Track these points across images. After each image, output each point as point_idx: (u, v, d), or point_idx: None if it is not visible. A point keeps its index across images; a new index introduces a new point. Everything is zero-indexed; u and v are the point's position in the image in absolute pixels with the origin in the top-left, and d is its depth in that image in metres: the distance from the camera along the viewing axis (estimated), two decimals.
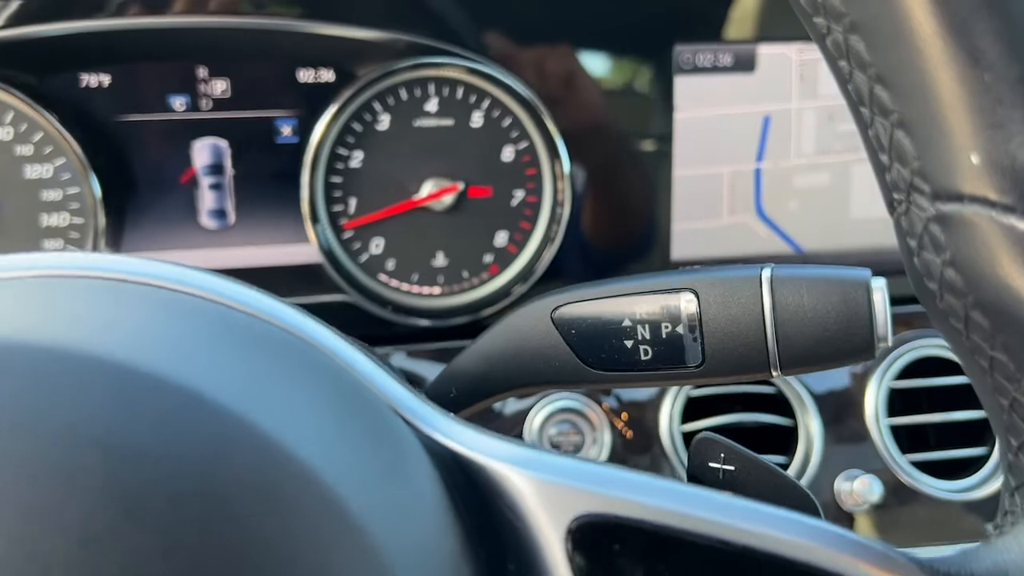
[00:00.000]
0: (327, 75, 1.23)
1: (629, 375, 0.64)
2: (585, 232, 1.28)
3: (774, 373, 0.59)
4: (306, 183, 1.16)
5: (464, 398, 0.70)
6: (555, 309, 0.68)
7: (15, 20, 1.10)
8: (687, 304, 0.61)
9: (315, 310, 0.49)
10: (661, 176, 1.28)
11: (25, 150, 1.12)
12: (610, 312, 0.66)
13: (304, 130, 1.23)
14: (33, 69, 1.13)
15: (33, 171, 1.13)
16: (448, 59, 1.18)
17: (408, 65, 1.16)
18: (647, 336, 0.62)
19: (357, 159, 1.21)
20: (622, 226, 1.29)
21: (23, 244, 1.14)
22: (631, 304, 0.65)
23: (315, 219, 1.20)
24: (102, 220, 1.12)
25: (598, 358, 0.64)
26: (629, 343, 0.63)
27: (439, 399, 0.61)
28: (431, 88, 1.21)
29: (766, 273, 0.59)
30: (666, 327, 0.61)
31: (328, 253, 1.21)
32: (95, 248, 1.13)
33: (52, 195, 1.14)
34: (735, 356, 0.60)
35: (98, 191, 1.11)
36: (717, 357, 0.61)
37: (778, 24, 1.27)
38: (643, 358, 0.63)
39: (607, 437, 1.20)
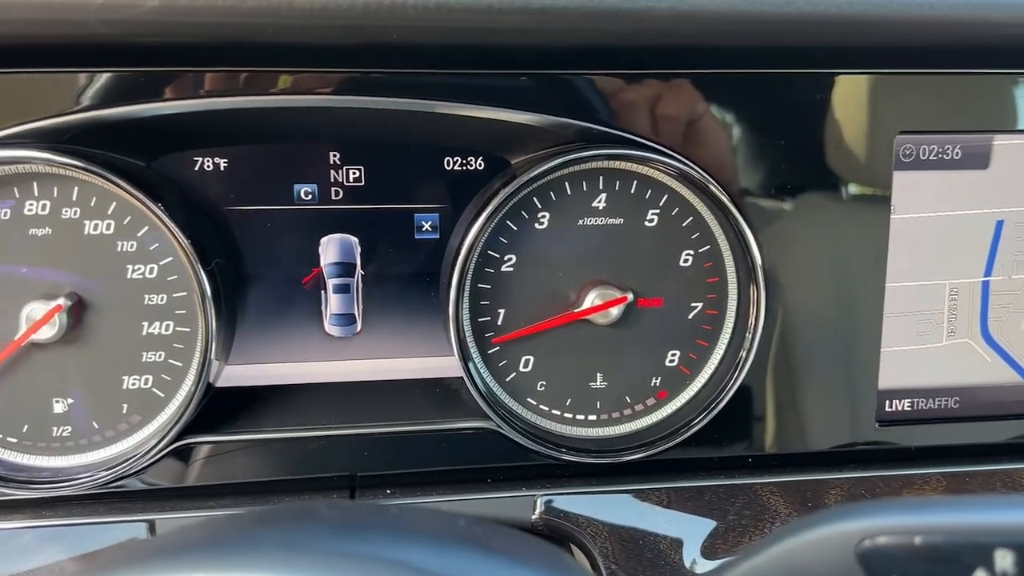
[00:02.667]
0: (475, 163, 1.04)
1: None
2: (772, 353, 1.06)
3: None
4: (453, 288, 0.97)
5: None
6: (862, 541, 0.48)
7: (122, 97, 0.94)
8: None
9: (450, 438, 0.32)
10: (872, 289, 1.06)
11: (128, 246, 0.96)
12: (955, 555, 0.46)
13: (446, 226, 1.05)
14: (142, 151, 0.97)
15: (136, 271, 0.97)
16: (621, 149, 0.98)
17: (576, 156, 0.96)
18: None
19: (509, 263, 1.02)
20: (822, 346, 1.07)
21: (120, 356, 0.98)
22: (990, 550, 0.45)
23: (458, 330, 1.00)
24: (212, 328, 0.95)
25: None
26: None
27: None
28: (600, 181, 1.01)
29: None
30: None
31: (469, 371, 1.01)
32: (203, 360, 0.95)
33: (156, 299, 0.97)
34: None
35: (209, 294, 0.93)
36: None
37: (1018, 112, 1.05)
38: None
39: None
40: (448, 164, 1.04)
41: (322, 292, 1.06)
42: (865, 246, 1.05)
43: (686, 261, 1.04)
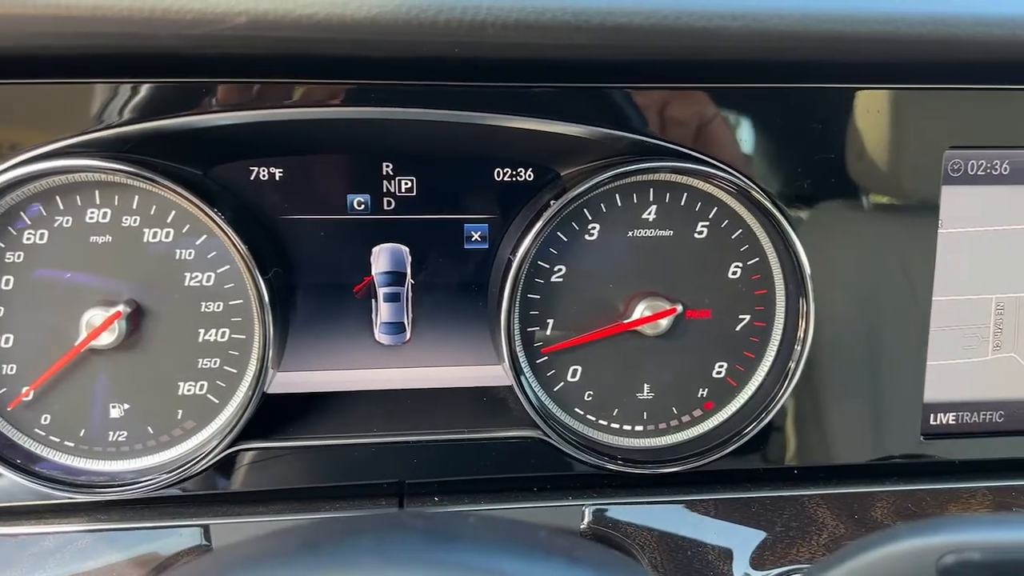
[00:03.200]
0: (525, 175, 1.05)
1: None
2: (819, 365, 1.07)
3: None
4: (506, 299, 0.98)
5: None
6: (944, 557, 0.49)
7: (181, 108, 0.95)
8: None
9: (498, 446, 0.33)
10: (918, 302, 1.06)
11: (186, 254, 0.97)
12: None
13: (495, 236, 1.06)
14: (199, 161, 0.99)
15: (194, 279, 0.98)
16: (675, 162, 0.99)
17: (631, 169, 0.97)
18: None
19: (559, 273, 1.03)
20: (868, 359, 1.07)
21: (176, 362, 0.99)
22: None
23: (509, 341, 1.01)
24: (270, 335, 0.96)
25: None
26: None
27: None
28: (651, 193, 1.02)
29: None
30: None
31: (520, 381, 1.02)
32: (260, 367, 0.96)
33: (212, 307, 0.98)
34: None
35: (268, 302, 0.94)
36: None
37: None
38: None
39: None
40: (498, 175, 1.05)
41: (373, 301, 1.07)
42: (912, 260, 1.06)
43: (735, 273, 1.05)
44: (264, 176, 1.02)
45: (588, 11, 0.69)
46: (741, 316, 1.06)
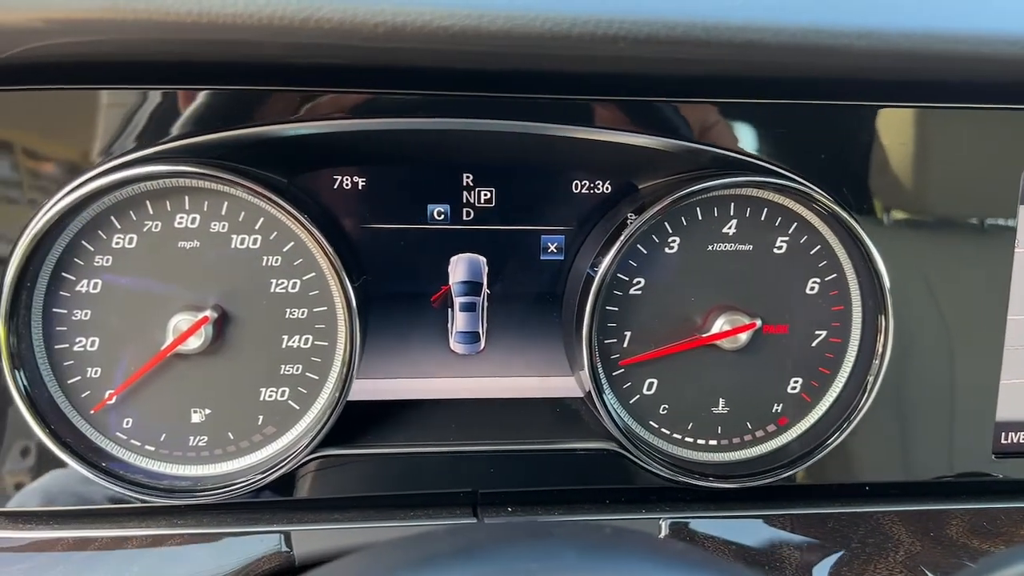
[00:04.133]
0: (603, 187, 1.06)
1: None
2: (892, 382, 1.07)
3: None
4: (587, 312, 0.98)
5: None
6: None
7: (268, 116, 0.95)
8: None
9: (572, 458, 0.33)
10: (993, 321, 1.06)
11: (273, 260, 0.98)
12: None
13: (570, 247, 1.07)
14: (284, 169, 0.99)
15: (279, 285, 0.98)
16: (758, 176, 0.99)
17: (713, 184, 0.97)
18: None
19: (638, 286, 1.03)
20: (941, 377, 1.07)
21: (259, 368, 0.99)
22: None
23: (591, 353, 1.01)
24: (358, 343, 0.96)
25: None
26: None
27: None
28: (732, 207, 1.02)
29: None
30: None
31: (596, 392, 1.02)
32: (346, 374, 0.97)
33: (297, 313, 0.99)
34: None
35: (356, 309, 0.95)
36: None
37: None
38: None
39: None
40: (576, 187, 1.06)
41: (449, 310, 1.07)
42: (988, 279, 1.06)
43: (812, 289, 1.05)
44: (347, 185, 1.03)
45: (719, 27, 0.69)
46: (818, 332, 1.06)
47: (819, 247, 1.04)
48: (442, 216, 1.04)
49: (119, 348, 0.97)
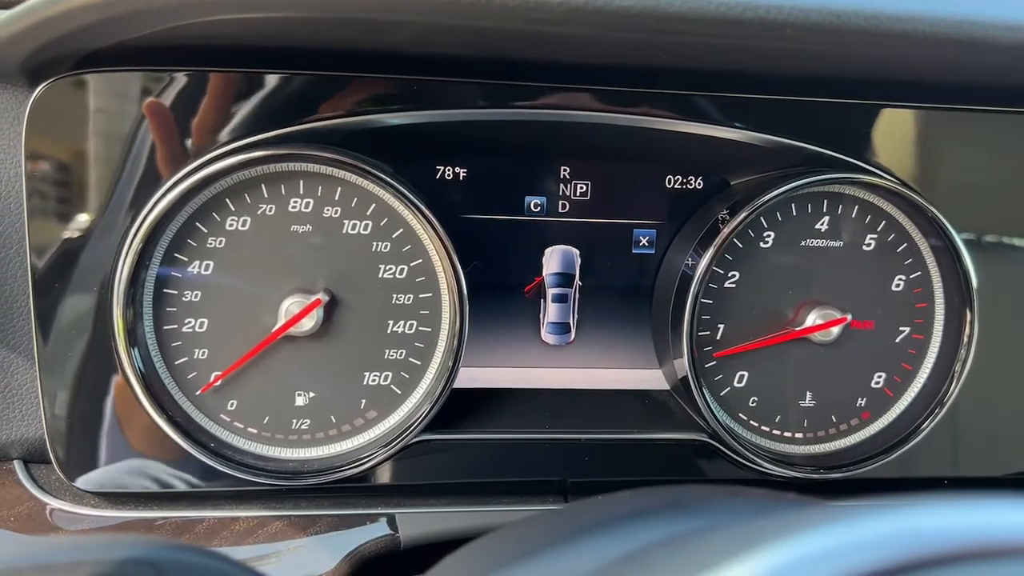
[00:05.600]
0: (696, 183, 1.08)
1: None
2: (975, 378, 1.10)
3: None
4: (688, 307, 1.00)
5: None
6: None
7: (372, 107, 0.97)
8: None
9: (661, 448, 0.36)
10: None
11: (382, 247, 0.99)
12: None
13: (661, 242, 1.09)
14: (390, 157, 1.01)
15: (388, 271, 1.00)
16: (847, 173, 1.02)
17: (810, 180, 1.00)
18: None
19: (732, 279, 1.06)
20: (1020, 374, 1.10)
21: (364, 353, 1.00)
22: None
23: (691, 348, 1.03)
24: (466, 330, 0.98)
25: None
26: None
27: None
28: (824, 204, 1.05)
29: None
30: None
31: (687, 383, 1.04)
32: (454, 360, 0.98)
33: (403, 299, 1.00)
34: None
35: (467, 296, 0.96)
36: None
37: None
38: None
39: None
40: (669, 182, 1.08)
41: (541, 301, 1.09)
42: None
43: (898, 286, 1.08)
44: (449, 176, 1.04)
45: (878, 15, 0.72)
46: (901, 328, 1.09)
47: (906, 245, 1.07)
48: (538, 208, 1.06)
49: (227, 330, 0.97)
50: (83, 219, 0.92)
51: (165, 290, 0.96)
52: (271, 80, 0.94)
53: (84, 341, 0.93)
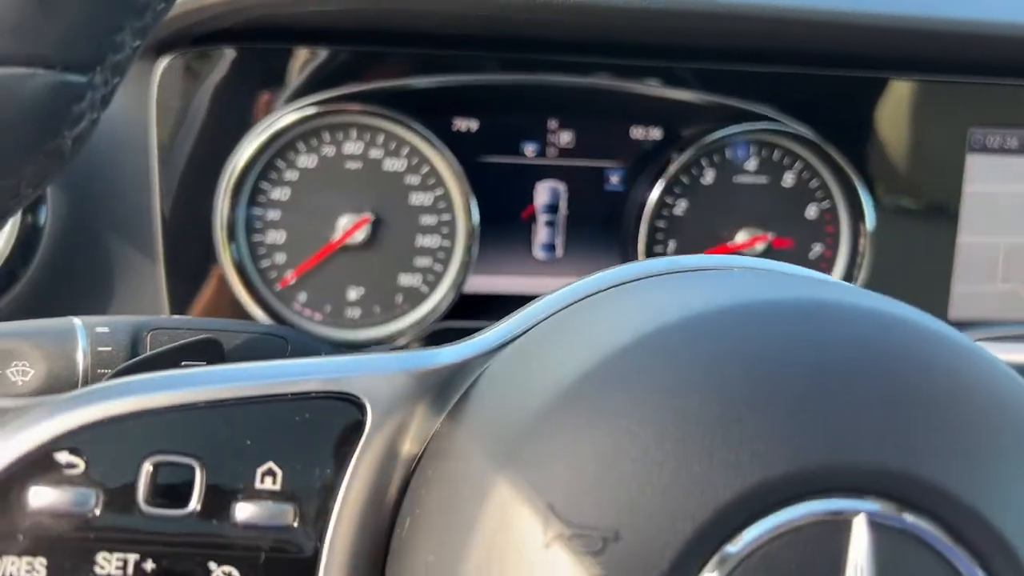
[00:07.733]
0: (656, 133, 1.40)
1: None
2: (868, 285, 1.42)
3: None
4: (644, 225, 1.33)
5: None
6: None
7: (406, 74, 1.30)
8: None
9: None
10: (946, 240, 1.41)
11: (413, 180, 1.32)
12: None
13: (631, 181, 1.41)
14: (419, 112, 1.34)
15: (417, 199, 1.33)
16: (771, 124, 1.34)
17: (739, 131, 1.32)
18: None
19: (681, 207, 1.38)
20: (906, 282, 1.42)
21: (399, 259, 1.34)
22: None
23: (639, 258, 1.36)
24: (475, 247, 1.31)
25: None
26: None
27: None
28: (752, 149, 1.37)
29: None
30: None
31: None
32: (465, 269, 1.31)
33: (428, 220, 1.34)
34: None
35: (476, 220, 1.30)
36: None
37: None
38: None
39: None
40: (633, 133, 1.41)
41: (533, 225, 1.42)
42: (944, 210, 1.41)
43: (812, 214, 1.40)
44: (463, 128, 1.37)
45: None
46: (814, 246, 1.41)
47: (819, 183, 1.39)
48: (533, 153, 1.39)
49: (299, 241, 1.31)
50: (195, 163, 1.26)
51: (254, 209, 1.30)
52: (340, 54, 1.27)
53: (196, 248, 1.28)
